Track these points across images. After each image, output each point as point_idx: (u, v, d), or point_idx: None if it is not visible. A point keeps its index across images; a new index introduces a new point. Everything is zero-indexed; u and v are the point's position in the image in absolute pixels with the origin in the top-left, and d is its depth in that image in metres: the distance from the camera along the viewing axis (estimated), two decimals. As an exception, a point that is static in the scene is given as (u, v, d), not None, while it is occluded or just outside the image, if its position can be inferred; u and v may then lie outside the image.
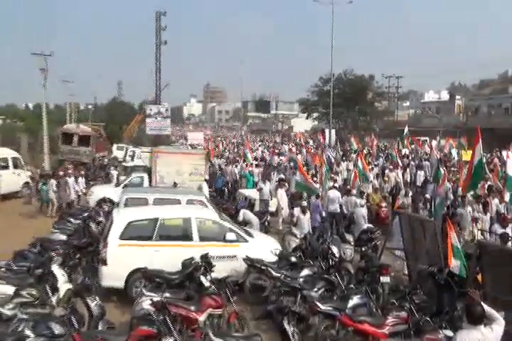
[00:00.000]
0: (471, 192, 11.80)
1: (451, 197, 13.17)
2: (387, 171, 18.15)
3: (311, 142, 40.86)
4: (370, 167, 18.29)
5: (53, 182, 15.26)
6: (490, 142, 31.85)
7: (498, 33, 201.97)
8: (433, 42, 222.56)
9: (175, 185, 14.05)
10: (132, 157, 25.84)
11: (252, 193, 15.72)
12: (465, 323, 4.32)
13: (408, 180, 18.11)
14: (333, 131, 40.40)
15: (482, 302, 4.33)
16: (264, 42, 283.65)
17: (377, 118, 53.76)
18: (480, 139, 10.11)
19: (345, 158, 23.38)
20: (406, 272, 9.23)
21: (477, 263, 6.98)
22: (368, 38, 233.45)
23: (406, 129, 24.79)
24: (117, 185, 15.54)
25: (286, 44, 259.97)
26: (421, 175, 18.08)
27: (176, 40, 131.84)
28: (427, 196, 13.17)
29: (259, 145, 40.08)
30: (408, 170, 19.30)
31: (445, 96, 75.92)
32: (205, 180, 16.25)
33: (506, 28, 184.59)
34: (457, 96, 61.49)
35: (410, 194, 13.48)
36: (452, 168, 19.25)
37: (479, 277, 7.07)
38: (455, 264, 7.22)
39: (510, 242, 8.45)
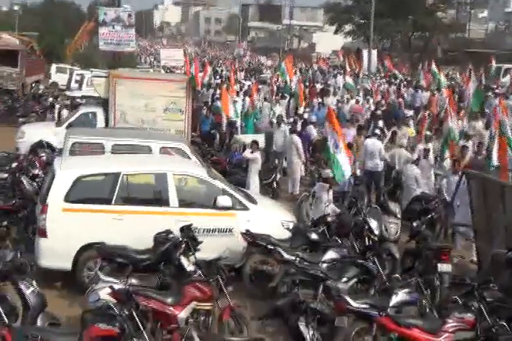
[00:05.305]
0: None
1: None
2: None
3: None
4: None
5: None
6: None
7: None
8: None
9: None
10: (80, 83, 25.49)
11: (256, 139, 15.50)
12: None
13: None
14: (374, 53, 39.57)
15: None
16: None
17: (439, 35, 52.70)
18: None
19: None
20: (475, 258, 9.31)
21: None
22: None
23: (493, 62, 21.97)
24: (59, 123, 15.44)
25: None
26: None
27: None
28: None
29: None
30: None
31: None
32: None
33: None
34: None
35: None
36: None
37: None
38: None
39: None
